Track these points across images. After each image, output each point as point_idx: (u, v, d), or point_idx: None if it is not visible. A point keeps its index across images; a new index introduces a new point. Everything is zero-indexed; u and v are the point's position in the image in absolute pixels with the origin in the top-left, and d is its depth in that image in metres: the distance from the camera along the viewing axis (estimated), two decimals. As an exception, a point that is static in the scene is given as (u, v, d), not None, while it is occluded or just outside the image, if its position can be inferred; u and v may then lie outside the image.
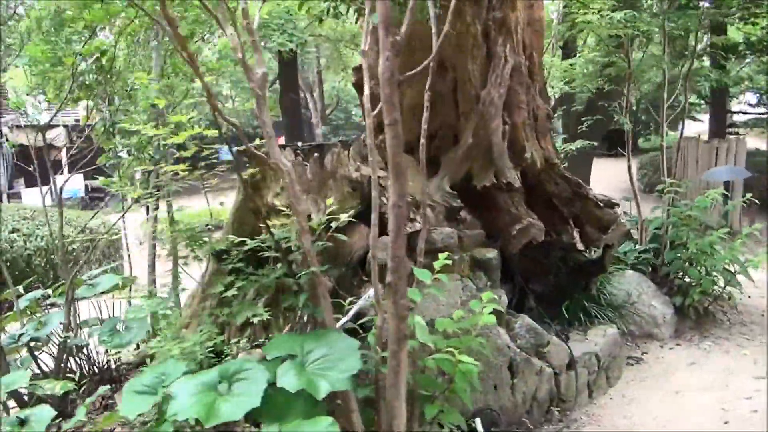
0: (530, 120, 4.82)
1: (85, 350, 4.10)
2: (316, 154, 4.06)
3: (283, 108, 16.32)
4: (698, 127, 18.59)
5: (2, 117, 15.23)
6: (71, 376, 3.97)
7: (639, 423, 4.09)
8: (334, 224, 4.02)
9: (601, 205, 4.95)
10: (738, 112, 19.09)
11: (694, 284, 5.61)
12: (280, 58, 15.71)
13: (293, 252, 3.40)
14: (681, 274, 5.77)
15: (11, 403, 3.54)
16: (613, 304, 5.34)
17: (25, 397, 3.60)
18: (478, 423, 3.68)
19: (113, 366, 4.07)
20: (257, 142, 3.55)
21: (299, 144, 4.20)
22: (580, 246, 4.85)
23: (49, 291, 4.47)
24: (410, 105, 4.76)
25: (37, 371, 3.97)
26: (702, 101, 14.98)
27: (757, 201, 6.27)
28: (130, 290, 4.64)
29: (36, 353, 4.02)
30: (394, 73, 2.62)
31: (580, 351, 4.41)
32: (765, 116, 17.95)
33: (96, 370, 4.03)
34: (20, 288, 4.38)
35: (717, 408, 4.21)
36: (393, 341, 2.76)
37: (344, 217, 4.04)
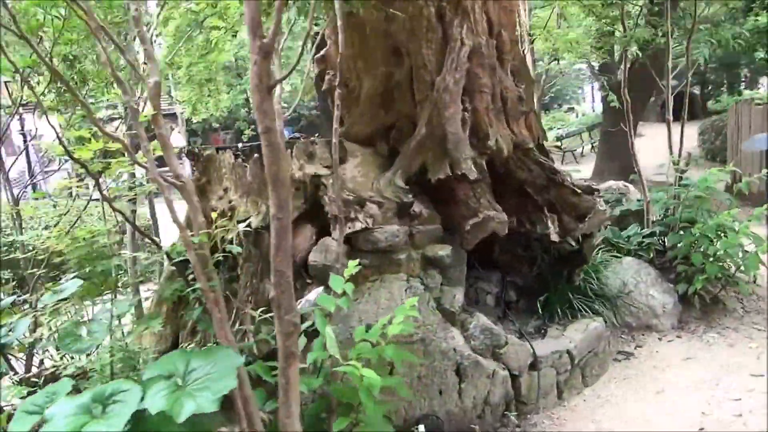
0: (497, 104, 4.52)
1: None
2: (256, 155, 3.96)
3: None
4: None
5: None
6: (36, 380, 4.11)
7: (607, 427, 3.82)
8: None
9: (578, 191, 4.61)
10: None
11: (698, 270, 5.16)
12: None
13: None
14: (685, 259, 5.32)
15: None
16: (605, 295, 5.01)
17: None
18: (421, 429, 3.55)
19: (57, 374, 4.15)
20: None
21: (239, 145, 4.12)
22: (553, 237, 4.53)
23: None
24: (369, 94, 4.58)
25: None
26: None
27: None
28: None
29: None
30: (263, 78, 2.46)
31: (549, 349, 4.15)
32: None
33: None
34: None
35: (697, 411, 3.88)
36: (281, 358, 2.66)
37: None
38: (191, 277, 3.14)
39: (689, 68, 5.75)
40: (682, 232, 5.34)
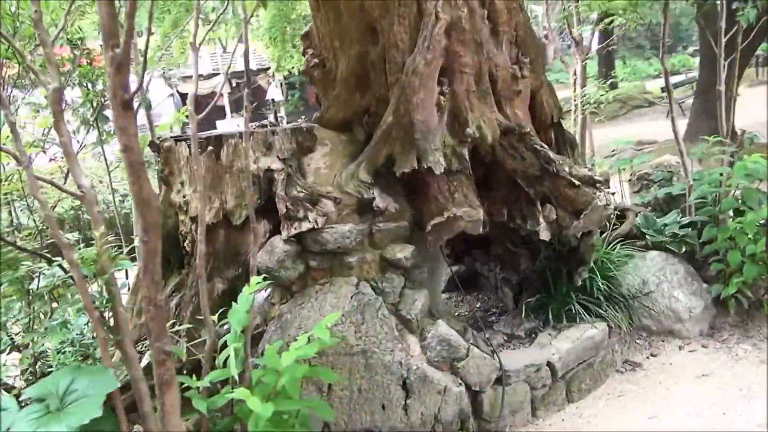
0: (483, 85, 4.01)
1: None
2: (210, 147, 3.80)
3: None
4: None
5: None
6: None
7: (574, 455, 3.44)
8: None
9: (576, 183, 4.04)
10: None
11: (736, 270, 4.44)
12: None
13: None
14: (720, 257, 4.59)
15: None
16: (617, 296, 4.46)
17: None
18: (360, 445, 3.36)
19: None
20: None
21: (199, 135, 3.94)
22: (543, 235, 4.03)
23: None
24: (344, 75, 4.24)
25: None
26: None
27: None
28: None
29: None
30: (117, 92, 2.26)
31: (524, 362, 3.76)
32: None
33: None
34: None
35: (685, 447, 3.38)
36: (157, 386, 2.55)
37: (243, 213, 3.82)
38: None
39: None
40: (719, 225, 4.58)
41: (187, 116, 4.42)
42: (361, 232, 3.67)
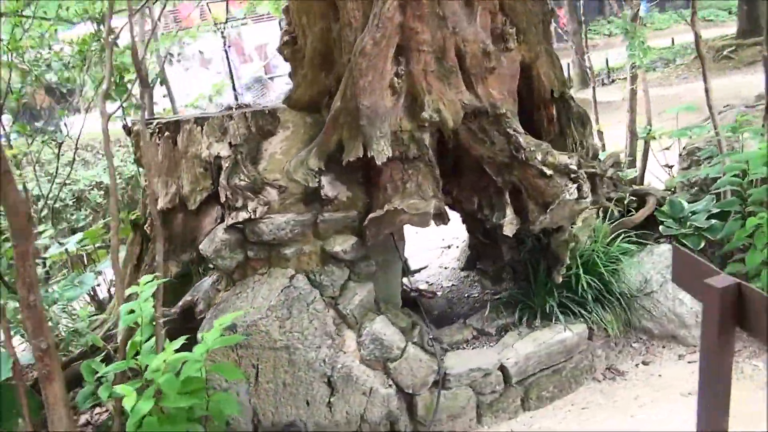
0: (446, 63, 3.65)
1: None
2: (167, 132, 3.84)
3: None
4: None
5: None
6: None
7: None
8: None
9: (548, 173, 3.61)
10: None
11: (755, 274, 3.80)
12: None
13: None
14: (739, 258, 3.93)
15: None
16: (611, 294, 4.00)
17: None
18: (285, 437, 3.39)
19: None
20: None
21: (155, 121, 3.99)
22: (506, 230, 3.67)
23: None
24: (310, 53, 4.05)
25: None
26: None
27: None
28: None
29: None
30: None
31: (470, 365, 3.53)
32: None
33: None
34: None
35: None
36: (39, 380, 2.71)
37: (198, 199, 3.87)
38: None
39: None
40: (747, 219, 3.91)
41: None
42: (301, 223, 3.57)
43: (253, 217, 3.54)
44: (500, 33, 3.87)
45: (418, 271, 6.07)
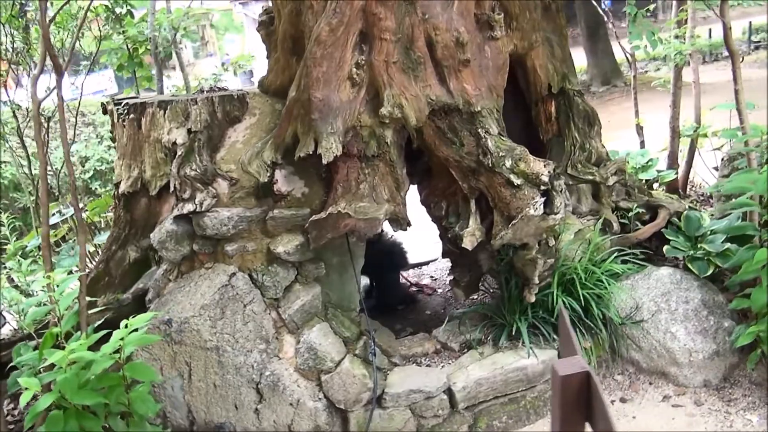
0: (413, 53, 3.30)
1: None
2: (132, 115, 3.76)
3: None
4: None
5: None
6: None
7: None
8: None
9: (516, 183, 3.20)
10: None
11: (762, 314, 3.25)
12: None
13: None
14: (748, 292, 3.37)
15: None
16: (594, 320, 3.58)
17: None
18: (214, 438, 3.30)
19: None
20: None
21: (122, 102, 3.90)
22: (465, 242, 3.32)
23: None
24: (282, 36, 3.81)
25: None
26: None
27: None
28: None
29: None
30: None
31: (411, 386, 3.27)
32: None
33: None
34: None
35: None
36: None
37: (158, 184, 3.78)
38: None
39: None
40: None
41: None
42: (247, 219, 3.40)
43: (198, 209, 3.41)
44: (486, 20, 3.46)
45: (426, 263, 5.79)
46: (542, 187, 3.19)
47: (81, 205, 5.16)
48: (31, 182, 4.97)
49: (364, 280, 5.35)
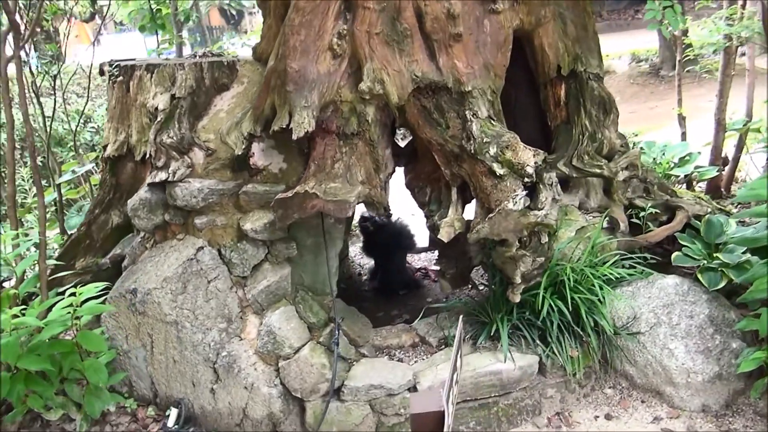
0: (399, 24, 3.04)
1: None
2: (120, 77, 3.68)
3: None
4: None
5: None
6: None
7: None
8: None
9: (499, 173, 2.90)
10: None
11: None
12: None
13: None
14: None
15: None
16: (580, 325, 3.27)
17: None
18: (173, 412, 3.24)
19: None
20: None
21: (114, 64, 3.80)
22: (441, 234, 3.06)
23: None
24: (273, 2, 3.60)
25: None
26: None
27: None
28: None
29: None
30: None
31: (372, 382, 3.08)
32: None
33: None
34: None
35: None
36: None
37: (142, 150, 3.71)
38: None
39: None
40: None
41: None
42: (219, 192, 3.27)
43: (171, 179, 3.30)
44: (487, -13, 3.15)
45: (434, 248, 5.55)
46: (526, 179, 2.89)
47: (91, 166, 5.23)
48: (44, 139, 5.01)
49: (370, 262, 5.19)
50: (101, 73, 4.16)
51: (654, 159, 4.79)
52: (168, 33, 5.76)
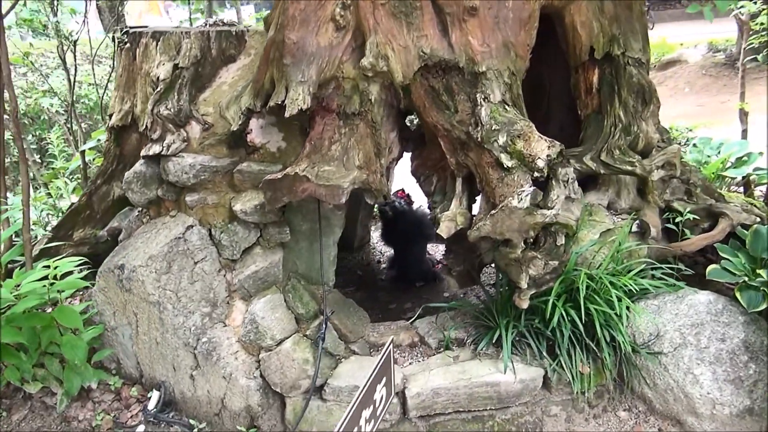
0: (409, -5, 2.74)
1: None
2: (127, 45, 3.54)
3: None
4: None
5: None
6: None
7: None
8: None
9: (507, 165, 2.58)
10: None
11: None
12: None
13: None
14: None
15: None
16: (594, 339, 2.94)
17: None
18: (154, 394, 3.13)
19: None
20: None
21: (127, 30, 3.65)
22: (441, 228, 2.77)
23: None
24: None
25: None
26: None
27: None
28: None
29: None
30: None
31: (355, 383, 2.86)
32: None
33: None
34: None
35: None
36: None
37: (145, 120, 3.58)
38: None
39: None
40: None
41: None
42: (212, 169, 3.09)
43: (165, 152, 3.15)
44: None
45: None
46: (536, 174, 2.57)
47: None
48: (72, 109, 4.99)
49: (391, 250, 4.95)
50: (113, 40, 4.05)
51: (707, 157, 4.33)
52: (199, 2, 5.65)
